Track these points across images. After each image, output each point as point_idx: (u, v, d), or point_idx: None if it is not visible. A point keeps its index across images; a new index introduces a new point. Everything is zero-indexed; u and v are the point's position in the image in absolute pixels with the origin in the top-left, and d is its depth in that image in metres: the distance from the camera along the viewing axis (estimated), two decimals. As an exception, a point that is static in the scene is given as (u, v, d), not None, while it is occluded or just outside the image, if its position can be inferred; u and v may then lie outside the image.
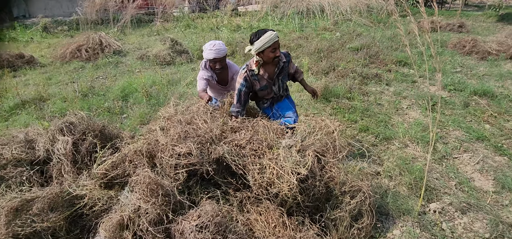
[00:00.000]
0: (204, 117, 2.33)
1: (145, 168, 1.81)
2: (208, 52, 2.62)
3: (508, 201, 2.33)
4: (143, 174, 1.62)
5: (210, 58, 2.64)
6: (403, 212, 2.20)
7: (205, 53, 2.67)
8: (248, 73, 2.49)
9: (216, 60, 2.66)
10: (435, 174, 2.68)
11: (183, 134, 2.06)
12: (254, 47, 2.35)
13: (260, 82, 2.54)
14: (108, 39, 8.44)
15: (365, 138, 3.34)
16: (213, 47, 2.61)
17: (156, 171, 1.95)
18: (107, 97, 4.69)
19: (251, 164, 2.02)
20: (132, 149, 1.97)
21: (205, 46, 2.67)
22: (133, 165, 1.89)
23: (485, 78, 5.00)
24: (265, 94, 2.65)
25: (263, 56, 2.40)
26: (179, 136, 2.00)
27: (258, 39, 2.32)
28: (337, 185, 2.05)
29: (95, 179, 1.91)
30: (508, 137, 3.21)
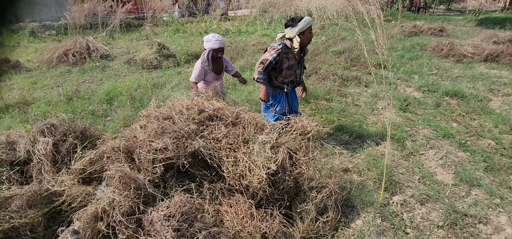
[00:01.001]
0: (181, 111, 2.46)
1: (121, 163, 1.92)
2: (214, 42, 2.95)
3: (464, 192, 2.51)
4: (115, 169, 1.72)
5: (216, 47, 2.97)
6: (367, 204, 2.35)
7: (210, 43, 2.97)
8: (283, 49, 2.79)
9: (220, 49, 3.01)
10: (401, 169, 2.85)
11: (160, 129, 2.17)
12: (298, 28, 2.72)
13: (289, 61, 2.83)
14: (95, 44, 8.48)
15: (340, 137, 3.50)
16: (218, 38, 2.96)
17: (134, 166, 2.06)
18: (92, 100, 4.75)
19: (226, 157, 2.16)
20: (109, 145, 2.08)
21: (209, 38, 2.98)
22: (111, 160, 1.99)
23: (459, 80, 5.25)
24: (289, 74, 2.91)
25: (302, 37, 2.76)
26: (156, 132, 2.12)
27: (301, 21, 2.72)
28: (306, 181, 2.19)
29: (73, 175, 2.00)
30: (472, 134, 3.42)
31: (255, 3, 14.67)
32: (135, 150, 2.06)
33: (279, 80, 2.93)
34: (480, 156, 2.96)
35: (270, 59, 2.77)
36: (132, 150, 2.07)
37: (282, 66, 2.84)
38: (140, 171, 2.00)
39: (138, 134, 2.24)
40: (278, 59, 2.77)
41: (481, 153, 3.02)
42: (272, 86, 2.98)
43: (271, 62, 2.78)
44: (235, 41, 9.32)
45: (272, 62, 2.78)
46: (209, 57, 3.04)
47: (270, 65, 2.80)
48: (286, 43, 2.80)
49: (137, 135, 2.18)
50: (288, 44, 2.79)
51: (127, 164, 1.96)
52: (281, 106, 3.02)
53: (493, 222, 2.20)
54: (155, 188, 1.97)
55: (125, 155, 2.04)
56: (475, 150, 3.10)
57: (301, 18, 2.74)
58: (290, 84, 3.01)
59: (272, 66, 2.82)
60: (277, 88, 3.00)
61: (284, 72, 2.88)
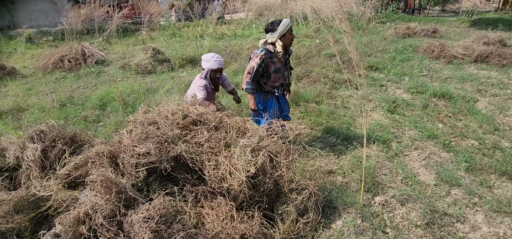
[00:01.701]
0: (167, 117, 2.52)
1: (105, 168, 1.97)
2: (213, 62, 2.92)
3: (445, 192, 2.56)
4: (97, 174, 1.78)
5: (214, 68, 2.94)
6: (348, 205, 2.40)
7: (208, 64, 2.93)
8: (266, 55, 2.82)
9: (218, 69, 2.98)
10: (384, 170, 2.91)
11: (144, 134, 2.23)
12: (278, 32, 2.75)
13: (275, 64, 2.86)
14: (91, 49, 8.55)
15: (328, 139, 3.56)
16: (217, 59, 2.93)
17: (118, 170, 2.12)
18: (85, 106, 4.81)
19: (207, 161, 2.23)
20: (94, 151, 2.13)
21: (207, 58, 2.94)
22: (95, 165, 2.04)
23: (448, 81, 5.32)
24: (278, 77, 2.94)
25: (284, 39, 2.80)
26: (139, 137, 2.18)
27: (280, 25, 2.75)
28: (286, 183, 2.25)
29: (59, 180, 2.05)
30: (457, 135, 3.48)
31: (251, 6, 14.79)
32: (119, 154, 2.11)
33: (269, 85, 2.96)
34: (462, 156, 3.02)
35: (256, 68, 2.79)
36: (117, 155, 2.13)
37: (269, 71, 2.88)
38: (124, 175, 2.05)
39: (124, 139, 2.30)
40: (263, 65, 2.81)
41: (464, 153, 3.07)
42: (262, 92, 3.01)
43: (258, 70, 2.81)
44: (230, 45, 9.41)
45: (258, 70, 2.80)
46: (208, 77, 3.00)
47: (257, 73, 2.82)
48: (269, 48, 2.83)
49: (122, 140, 2.24)
50: (271, 48, 2.82)
51: (111, 168, 2.02)
52: (272, 112, 3.05)
53: (470, 220, 2.26)
54: (139, 191, 2.03)
55: (109, 160, 2.09)
56: (458, 150, 3.16)
57: (280, 21, 2.76)
58: (280, 87, 3.05)
59: (260, 73, 2.85)
60: (267, 94, 3.01)
61: (272, 77, 2.92)
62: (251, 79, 2.82)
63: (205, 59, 2.95)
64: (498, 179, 2.70)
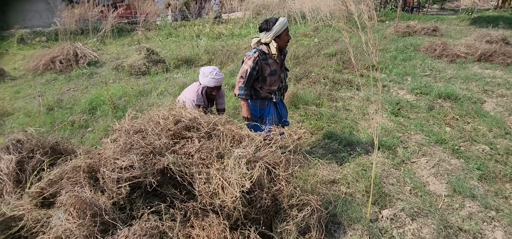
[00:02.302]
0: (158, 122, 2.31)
1: (83, 185, 1.75)
2: (210, 80, 2.63)
3: (458, 204, 2.36)
4: (68, 195, 1.56)
5: (211, 86, 2.66)
6: (354, 221, 2.20)
7: (205, 80, 2.64)
8: (260, 56, 2.54)
9: (216, 87, 2.71)
10: (391, 179, 2.70)
11: (127, 145, 2.01)
12: (273, 32, 2.48)
13: (270, 66, 2.59)
14: (84, 50, 8.30)
15: (329, 145, 3.36)
16: (215, 76, 2.63)
17: (98, 186, 1.90)
18: (73, 110, 4.58)
19: (197, 174, 2.01)
20: (71, 164, 1.91)
21: (205, 72, 2.65)
22: (71, 182, 1.82)
23: (452, 81, 5.13)
24: (274, 81, 2.68)
25: (279, 41, 2.53)
26: (121, 149, 1.96)
27: (276, 24, 2.47)
28: (285, 198, 2.03)
29: (30, 198, 1.83)
30: (466, 139, 3.28)
31: (248, 5, 14.56)
32: (99, 168, 1.90)
33: (266, 90, 2.70)
34: (474, 163, 2.82)
35: (249, 71, 2.52)
36: (96, 169, 1.91)
37: (264, 74, 2.61)
38: (104, 192, 1.83)
39: (106, 149, 2.09)
40: (257, 68, 2.54)
41: (475, 160, 2.88)
42: (259, 99, 2.74)
43: (252, 74, 2.55)
44: (227, 45, 9.18)
45: (252, 73, 2.54)
46: (203, 93, 2.72)
47: (251, 77, 2.56)
48: (263, 48, 2.56)
49: (104, 151, 2.02)
50: (265, 49, 2.55)
51: (89, 185, 1.80)
52: (270, 119, 2.77)
53: (489, 237, 2.06)
54: (120, 210, 1.81)
55: (88, 175, 1.87)
56: (469, 156, 2.96)
57: (276, 20, 2.50)
58: (278, 92, 2.80)
59: (254, 77, 2.59)
60: (264, 100, 2.75)
61: (268, 80, 2.65)
62: (244, 84, 2.56)
63: (203, 73, 2.66)
64: (514, 189, 2.51)
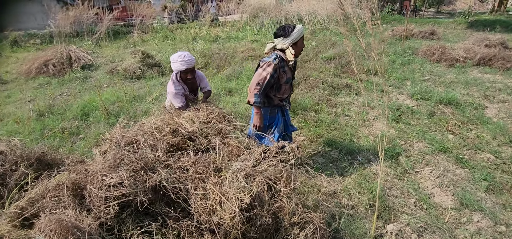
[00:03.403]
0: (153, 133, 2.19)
1: (66, 205, 1.62)
2: (180, 63, 2.56)
3: (466, 218, 2.26)
4: (48, 218, 1.43)
5: (182, 69, 2.58)
6: (358, 237, 2.08)
7: (175, 65, 2.58)
8: (280, 63, 2.41)
9: (188, 70, 2.61)
10: (395, 190, 2.60)
11: (116, 160, 1.88)
12: (291, 38, 2.38)
13: (286, 74, 2.50)
14: (78, 53, 8.14)
15: (329, 153, 3.25)
16: (184, 58, 2.56)
17: (84, 204, 1.77)
18: (65, 116, 4.42)
19: (193, 189, 1.89)
20: (54, 181, 1.78)
21: (174, 58, 2.58)
22: (54, 201, 1.69)
23: (452, 86, 5.06)
24: (287, 89, 2.60)
25: (296, 47, 2.42)
26: (110, 164, 1.83)
27: (294, 31, 2.38)
28: (287, 216, 1.91)
29: (8, 220, 1.69)
30: (469, 147, 3.19)
31: (245, 8, 14.49)
32: (85, 185, 1.76)
33: (278, 98, 2.57)
34: (480, 173, 2.72)
35: (268, 78, 2.37)
36: (82, 186, 1.78)
37: (280, 82, 2.48)
38: (90, 211, 1.70)
39: (94, 164, 1.95)
40: (275, 75, 2.40)
41: (481, 170, 2.78)
42: (270, 106, 2.59)
43: (270, 81, 2.40)
44: (224, 48, 9.07)
45: (270, 80, 2.39)
46: (178, 79, 2.66)
47: (268, 84, 2.41)
48: (281, 55, 2.43)
49: (91, 166, 1.88)
50: (283, 56, 2.43)
51: (74, 204, 1.66)
52: (280, 127, 2.66)
53: (499, 255, 1.96)
54: (108, 231, 1.68)
55: (73, 192, 1.74)
56: (474, 165, 2.87)
57: (293, 26, 2.40)
58: (288, 99, 2.70)
59: (271, 84, 2.44)
60: (275, 108, 2.62)
61: (283, 88, 2.54)
62: (260, 92, 2.41)
63: (172, 60, 2.58)
64: (523, 201, 2.42)
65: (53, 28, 11.26)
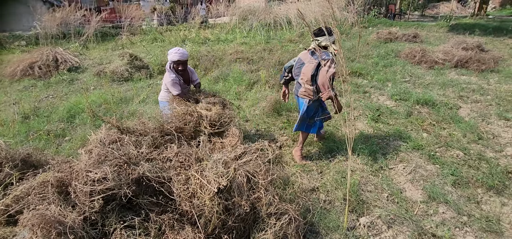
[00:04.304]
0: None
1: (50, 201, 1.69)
2: (174, 54, 3.00)
3: (433, 210, 2.42)
4: (31, 213, 1.50)
5: (175, 60, 3.00)
6: (332, 229, 2.21)
7: (170, 56, 3.02)
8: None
9: (180, 62, 3.02)
10: (370, 186, 2.75)
11: (101, 157, 1.96)
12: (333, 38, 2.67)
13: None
14: (64, 55, 8.08)
15: (310, 152, 3.38)
16: (178, 51, 3.02)
17: (69, 200, 1.84)
18: (51, 118, 4.43)
19: (176, 176, 2.02)
20: (39, 179, 1.85)
21: (171, 51, 3.04)
22: (39, 198, 1.76)
23: (430, 87, 5.29)
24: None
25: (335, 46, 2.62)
26: (94, 160, 1.91)
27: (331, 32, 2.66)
28: (264, 206, 2.03)
29: (-6, 217, 1.75)
30: (442, 145, 3.38)
31: (235, 11, 14.60)
32: (70, 182, 1.84)
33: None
34: (449, 169, 2.91)
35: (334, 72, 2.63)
36: (67, 183, 1.85)
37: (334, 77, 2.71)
38: (75, 207, 1.78)
39: (79, 162, 2.03)
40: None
41: (450, 165, 2.97)
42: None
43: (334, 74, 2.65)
44: (212, 50, 9.14)
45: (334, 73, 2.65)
46: (172, 68, 3.08)
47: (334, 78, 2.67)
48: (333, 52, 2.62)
49: (76, 164, 1.96)
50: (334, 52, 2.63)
51: (59, 200, 1.74)
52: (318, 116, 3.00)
53: (460, 242, 2.12)
54: (92, 225, 1.76)
55: (58, 189, 1.81)
56: (444, 162, 3.05)
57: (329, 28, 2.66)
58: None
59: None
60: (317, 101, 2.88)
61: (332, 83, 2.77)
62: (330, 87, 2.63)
63: (169, 52, 3.04)
64: (486, 194, 2.60)
65: (39, 30, 11.11)
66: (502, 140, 3.49)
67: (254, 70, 6.51)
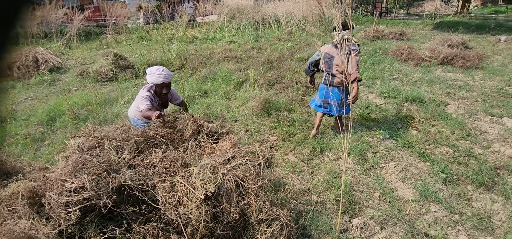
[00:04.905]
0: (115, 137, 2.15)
1: (20, 215, 1.55)
2: (158, 76, 2.60)
3: (425, 209, 2.40)
4: None
5: (160, 82, 2.63)
6: (324, 233, 2.15)
7: (153, 77, 2.62)
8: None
9: (164, 85, 2.67)
10: (361, 186, 2.71)
11: (78, 165, 1.83)
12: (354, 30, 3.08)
13: None
14: (45, 55, 7.75)
15: (301, 151, 3.32)
16: (162, 72, 2.61)
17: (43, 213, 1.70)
18: (29, 122, 4.21)
19: (161, 183, 1.90)
20: (9, 190, 1.70)
21: (152, 71, 2.63)
22: (9, 211, 1.61)
23: (418, 84, 5.33)
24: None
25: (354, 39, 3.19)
26: (71, 169, 1.77)
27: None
28: (254, 213, 1.95)
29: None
30: (431, 142, 3.38)
31: (223, 9, 14.43)
32: (45, 193, 1.70)
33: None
34: (439, 166, 2.90)
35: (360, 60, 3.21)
36: (41, 193, 1.71)
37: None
38: (50, 219, 1.64)
39: (55, 170, 1.89)
40: None
41: (440, 163, 2.96)
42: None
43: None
44: (200, 49, 8.98)
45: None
46: (153, 93, 2.71)
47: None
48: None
49: (51, 173, 1.82)
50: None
51: (31, 212, 1.60)
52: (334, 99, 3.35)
53: (453, 242, 2.10)
54: (69, 238, 1.63)
55: (30, 201, 1.67)
56: (434, 159, 3.04)
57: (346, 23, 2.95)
58: None
59: None
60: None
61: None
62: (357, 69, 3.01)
63: (149, 72, 2.64)
64: (476, 191, 2.60)
65: (17, 29, 10.64)
66: (489, 135, 3.53)
67: (243, 69, 6.41)
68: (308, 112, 4.29)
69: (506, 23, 12.51)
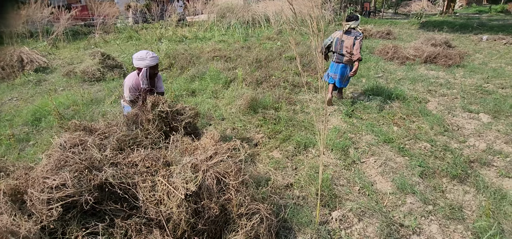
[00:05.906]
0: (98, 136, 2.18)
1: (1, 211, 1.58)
2: (151, 59, 2.80)
3: (401, 201, 2.51)
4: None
5: (153, 64, 2.82)
6: (305, 225, 2.23)
7: (146, 62, 2.79)
8: None
9: (157, 65, 2.89)
10: (342, 180, 2.80)
11: (60, 162, 1.86)
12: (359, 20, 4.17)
13: None
14: (31, 55, 7.63)
15: (286, 148, 3.40)
16: (153, 55, 2.81)
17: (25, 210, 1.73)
18: (14, 122, 4.17)
19: (142, 182, 1.94)
20: (-10, 189, 1.72)
21: (142, 56, 2.79)
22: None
23: (401, 82, 5.48)
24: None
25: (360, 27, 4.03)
26: (53, 166, 1.80)
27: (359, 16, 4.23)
28: (235, 207, 2.01)
29: None
30: (411, 138, 3.51)
31: (213, 8, 14.42)
32: (26, 190, 1.72)
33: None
34: (416, 161, 3.02)
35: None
36: (23, 191, 1.74)
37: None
38: (32, 216, 1.67)
39: (36, 168, 1.91)
40: None
41: (417, 157, 3.08)
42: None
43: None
44: (190, 48, 8.97)
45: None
46: (147, 75, 2.84)
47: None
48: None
49: (32, 171, 1.84)
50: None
51: (12, 209, 1.62)
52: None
53: (425, 231, 2.21)
54: (50, 234, 1.66)
55: (12, 198, 1.69)
56: (412, 154, 3.17)
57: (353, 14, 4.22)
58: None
59: None
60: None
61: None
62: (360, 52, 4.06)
63: (140, 57, 2.78)
64: (450, 183, 2.72)
65: (2, 28, 10.42)
66: (466, 131, 3.68)
67: (232, 68, 6.46)
68: (294, 110, 4.38)
69: (488, 22, 12.91)
